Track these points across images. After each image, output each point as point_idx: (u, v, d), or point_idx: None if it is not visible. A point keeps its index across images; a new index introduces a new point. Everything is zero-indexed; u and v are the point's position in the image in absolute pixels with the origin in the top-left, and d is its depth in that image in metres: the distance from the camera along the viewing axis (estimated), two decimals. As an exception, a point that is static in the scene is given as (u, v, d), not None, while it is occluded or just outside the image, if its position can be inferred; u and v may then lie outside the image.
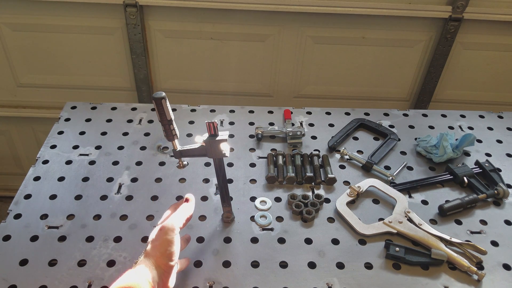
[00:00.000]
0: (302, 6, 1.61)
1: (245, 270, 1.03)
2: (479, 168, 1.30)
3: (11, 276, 0.98)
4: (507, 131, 1.50)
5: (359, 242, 1.10)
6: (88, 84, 1.88)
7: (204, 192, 1.22)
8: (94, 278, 0.98)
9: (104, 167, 1.28)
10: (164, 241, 0.86)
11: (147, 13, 1.68)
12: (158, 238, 0.86)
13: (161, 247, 0.85)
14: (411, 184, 1.26)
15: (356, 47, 1.77)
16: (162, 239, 0.86)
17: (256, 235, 1.11)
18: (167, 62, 1.82)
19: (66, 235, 1.08)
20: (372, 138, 1.45)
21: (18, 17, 1.68)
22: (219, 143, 0.95)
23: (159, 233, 0.87)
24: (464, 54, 1.78)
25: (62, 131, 1.40)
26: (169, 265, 0.86)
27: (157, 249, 0.86)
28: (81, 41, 1.74)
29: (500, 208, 1.22)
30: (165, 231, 0.86)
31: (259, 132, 1.39)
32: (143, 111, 1.50)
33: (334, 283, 1.00)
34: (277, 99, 1.93)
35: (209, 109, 1.52)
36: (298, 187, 1.25)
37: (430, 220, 1.17)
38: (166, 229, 0.87)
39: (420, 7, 1.63)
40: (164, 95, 0.89)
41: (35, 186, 1.21)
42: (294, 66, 1.82)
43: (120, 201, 1.18)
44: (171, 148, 1.23)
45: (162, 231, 0.86)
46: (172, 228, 0.87)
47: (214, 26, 1.70)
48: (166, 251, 0.85)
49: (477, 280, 1.02)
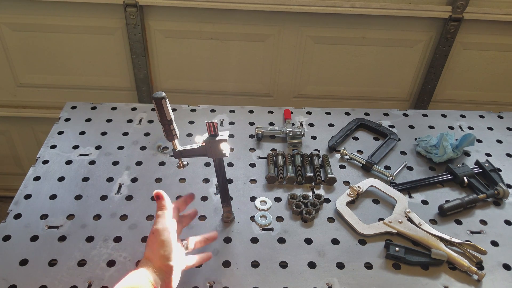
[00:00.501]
0: (302, 6, 1.61)
1: (245, 270, 1.03)
2: (479, 168, 1.30)
3: (11, 276, 0.98)
4: (507, 131, 1.50)
5: (359, 242, 1.10)
6: (88, 84, 1.88)
7: (204, 192, 1.22)
8: (94, 278, 0.98)
9: (104, 167, 1.28)
10: (159, 243, 0.86)
11: (147, 13, 1.68)
12: (153, 241, 0.87)
13: (158, 249, 0.86)
14: (411, 184, 1.26)
15: (356, 47, 1.77)
16: (157, 241, 0.86)
17: (256, 235, 1.11)
18: (167, 62, 1.82)
19: (66, 235, 1.08)
20: (372, 138, 1.45)
21: (18, 17, 1.68)
22: (219, 143, 0.95)
23: (152, 237, 0.87)
24: (464, 54, 1.78)
25: (62, 131, 1.40)
26: (168, 265, 0.86)
27: (154, 252, 0.86)
28: (81, 41, 1.74)
29: (500, 208, 1.22)
30: (158, 233, 0.87)
31: (259, 132, 1.39)
32: (143, 111, 1.50)
33: (334, 283, 1.00)
34: (277, 99, 1.93)
35: (209, 109, 1.52)
36: (298, 187, 1.25)
37: (430, 220, 1.17)
38: (157, 230, 0.87)
39: (420, 7, 1.63)
40: (164, 95, 0.89)
41: (35, 186, 1.21)
42: (294, 66, 1.82)
43: (120, 201, 1.18)
44: (171, 148, 1.23)
45: (155, 234, 0.87)
46: (164, 228, 0.87)
47: (214, 26, 1.70)
48: (163, 252, 0.85)
49: (477, 280, 1.02)
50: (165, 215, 0.90)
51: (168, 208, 0.91)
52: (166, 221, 0.89)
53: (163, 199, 0.91)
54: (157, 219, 0.89)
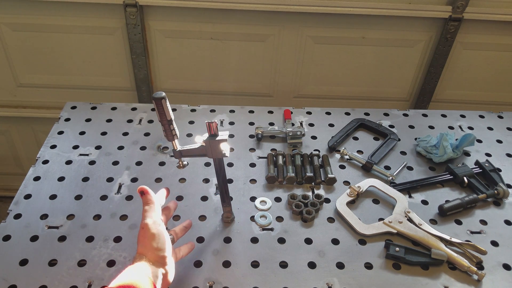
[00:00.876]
0: (302, 6, 1.61)
1: (245, 270, 1.03)
2: (479, 168, 1.30)
3: (11, 276, 0.98)
4: (507, 131, 1.50)
5: (359, 242, 1.10)
6: (88, 84, 1.88)
7: (204, 192, 1.22)
8: (94, 278, 0.98)
9: (104, 167, 1.28)
10: (150, 236, 0.86)
11: (147, 13, 1.68)
12: (144, 235, 0.87)
13: (150, 243, 0.86)
14: (411, 184, 1.26)
15: (356, 47, 1.77)
16: (148, 235, 0.87)
17: (256, 235, 1.11)
18: (167, 62, 1.82)
19: (66, 235, 1.08)
20: (372, 138, 1.45)
21: (18, 17, 1.68)
22: (219, 143, 0.95)
23: (143, 232, 0.88)
24: (464, 54, 1.78)
25: (62, 131, 1.40)
26: (163, 256, 0.87)
27: (146, 246, 0.86)
28: (81, 41, 1.74)
29: (500, 208, 1.22)
30: (148, 227, 0.87)
31: (259, 132, 1.39)
32: (143, 111, 1.50)
33: (334, 283, 1.00)
34: (277, 99, 1.93)
35: (209, 109, 1.52)
36: (298, 187, 1.25)
37: (430, 220, 1.17)
38: (146, 224, 0.87)
39: (420, 7, 1.63)
40: (164, 95, 0.89)
41: (35, 186, 1.21)
42: (294, 66, 1.82)
43: (120, 201, 1.18)
44: (171, 148, 1.23)
45: (145, 229, 0.87)
46: (153, 222, 0.88)
47: (214, 26, 1.70)
48: (155, 245, 0.86)
49: (477, 280, 1.02)
50: (152, 209, 0.90)
51: (154, 202, 0.92)
52: (154, 215, 0.90)
53: (148, 194, 0.92)
54: (145, 213, 0.89)
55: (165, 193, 1.00)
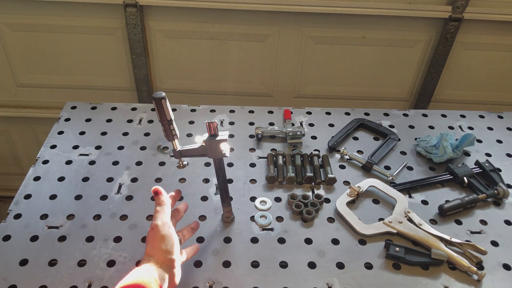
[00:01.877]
0: (302, 6, 1.61)
1: (245, 270, 1.03)
2: (479, 168, 1.30)
3: (11, 276, 0.98)
4: (507, 131, 1.50)
5: (359, 242, 1.10)
6: (88, 84, 1.88)
7: (204, 192, 1.22)
8: (94, 278, 0.99)
9: (104, 167, 1.28)
10: (159, 238, 0.86)
11: (147, 13, 1.68)
12: (153, 237, 0.87)
13: (159, 244, 0.86)
14: (411, 184, 1.26)
15: (356, 47, 1.77)
16: (158, 236, 0.87)
17: (256, 235, 1.11)
18: (167, 62, 1.82)
19: (66, 235, 1.08)
20: (372, 138, 1.45)
21: (18, 17, 1.68)
22: (219, 143, 0.95)
23: (152, 232, 0.88)
24: (464, 54, 1.78)
25: (62, 131, 1.40)
26: (171, 259, 0.86)
27: (155, 247, 0.86)
28: (81, 41, 1.74)
29: (500, 208, 1.22)
30: (158, 228, 0.87)
31: (259, 132, 1.39)
32: (143, 111, 1.50)
33: (334, 283, 1.00)
34: (277, 99, 1.93)
35: (209, 109, 1.52)
36: (298, 187, 1.25)
37: (430, 220, 1.17)
38: (157, 226, 0.87)
39: (420, 7, 1.63)
40: (164, 95, 0.89)
41: (35, 186, 1.21)
42: (294, 66, 1.82)
43: (120, 201, 1.18)
44: (171, 148, 1.23)
45: (155, 230, 0.87)
46: (163, 223, 0.88)
47: (214, 26, 1.70)
48: (164, 247, 0.86)
49: (477, 280, 1.02)
50: (164, 210, 0.90)
51: (166, 203, 0.92)
52: (165, 216, 0.90)
53: (161, 195, 0.92)
54: (156, 214, 0.89)
55: (176, 196, 0.99)
